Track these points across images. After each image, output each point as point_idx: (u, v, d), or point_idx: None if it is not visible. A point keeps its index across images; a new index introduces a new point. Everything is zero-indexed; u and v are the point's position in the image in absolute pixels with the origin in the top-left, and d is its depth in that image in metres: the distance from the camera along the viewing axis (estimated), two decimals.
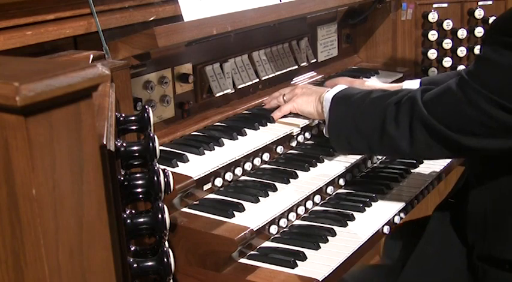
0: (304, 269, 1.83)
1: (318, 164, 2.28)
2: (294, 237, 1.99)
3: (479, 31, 3.20)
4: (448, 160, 2.58)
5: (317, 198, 2.18)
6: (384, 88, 2.51)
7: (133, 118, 1.54)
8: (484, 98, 1.74)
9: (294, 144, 2.38)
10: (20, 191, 0.86)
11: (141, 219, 1.36)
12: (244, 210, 1.94)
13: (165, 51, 2.17)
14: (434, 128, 1.85)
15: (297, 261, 1.85)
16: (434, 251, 2.10)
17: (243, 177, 2.15)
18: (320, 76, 2.95)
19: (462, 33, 3.19)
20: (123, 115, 1.54)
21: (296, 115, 2.40)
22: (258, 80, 2.62)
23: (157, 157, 1.43)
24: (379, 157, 2.55)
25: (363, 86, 2.56)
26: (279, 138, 2.28)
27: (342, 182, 2.32)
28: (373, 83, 2.73)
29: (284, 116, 2.39)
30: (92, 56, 1.71)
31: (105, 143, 1.17)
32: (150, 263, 1.34)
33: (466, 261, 2.02)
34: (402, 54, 3.26)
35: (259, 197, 2.01)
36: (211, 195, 2.03)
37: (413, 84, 2.47)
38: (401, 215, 2.23)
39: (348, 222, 2.08)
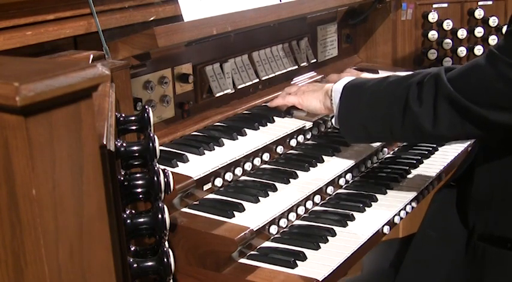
0: (304, 269, 1.83)
1: (318, 164, 2.28)
2: (294, 237, 1.99)
3: (479, 31, 3.20)
4: (448, 160, 2.58)
5: (317, 198, 2.18)
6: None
7: (133, 118, 1.54)
8: None
9: (294, 144, 2.38)
10: (20, 191, 0.86)
11: (141, 219, 1.36)
12: (244, 210, 1.94)
13: (165, 51, 2.17)
14: (460, 103, 1.83)
15: (297, 261, 1.85)
16: (435, 235, 2.10)
17: (243, 177, 2.15)
18: (320, 76, 2.94)
19: (462, 33, 3.19)
20: (123, 115, 1.54)
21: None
22: (258, 80, 2.62)
23: (157, 157, 1.43)
24: (380, 157, 2.55)
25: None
26: (279, 138, 2.28)
27: (342, 182, 2.32)
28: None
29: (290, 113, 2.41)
30: (92, 56, 1.71)
31: (105, 143, 1.17)
32: (150, 263, 1.35)
33: (466, 243, 2.02)
34: (402, 54, 3.26)
35: (259, 197, 2.01)
36: (211, 195, 2.03)
37: None
38: (401, 215, 2.23)
39: (348, 222, 2.08)
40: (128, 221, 1.34)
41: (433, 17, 3.17)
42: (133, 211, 1.38)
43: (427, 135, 1.96)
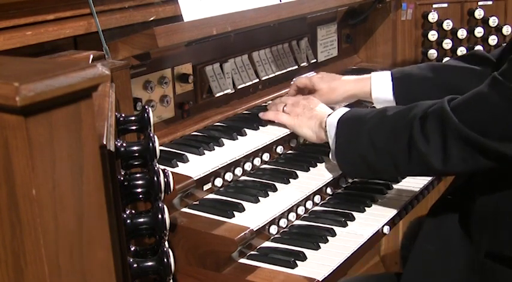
0: (304, 269, 1.83)
1: (318, 164, 2.28)
2: (294, 237, 1.99)
3: (479, 31, 3.20)
4: None
5: (317, 198, 2.18)
6: (352, 79, 2.46)
7: (133, 118, 1.54)
8: None
9: (294, 144, 2.38)
10: (20, 191, 0.86)
11: (141, 219, 1.36)
12: (244, 210, 1.94)
13: (165, 51, 2.17)
14: (468, 136, 1.75)
15: (297, 261, 1.85)
16: (434, 249, 2.08)
17: (243, 177, 2.15)
18: None
19: (462, 33, 3.19)
20: (123, 115, 1.54)
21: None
22: (258, 80, 2.62)
23: (157, 157, 1.43)
24: None
25: (337, 80, 2.49)
26: (279, 138, 2.28)
27: (342, 182, 2.32)
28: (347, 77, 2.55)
29: None
30: (92, 56, 1.72)
31: (105, 143, 1.17)
32: (150, 263, 1.35)
33: (470, 258, 1.98)
34: (402, 54, 3.26)
35: (259, 197, 2.01)
36: (211, 195, 2.03)
37: (382, 75, 2.40)
38: (402, 215, 2.23)
39: (348, 222, 2.08)
40: (128, 221, 1.34)
41: (433, 17, 3.17)
42: (133, 211, 1.38)
43: (437, 172, 1.90)
